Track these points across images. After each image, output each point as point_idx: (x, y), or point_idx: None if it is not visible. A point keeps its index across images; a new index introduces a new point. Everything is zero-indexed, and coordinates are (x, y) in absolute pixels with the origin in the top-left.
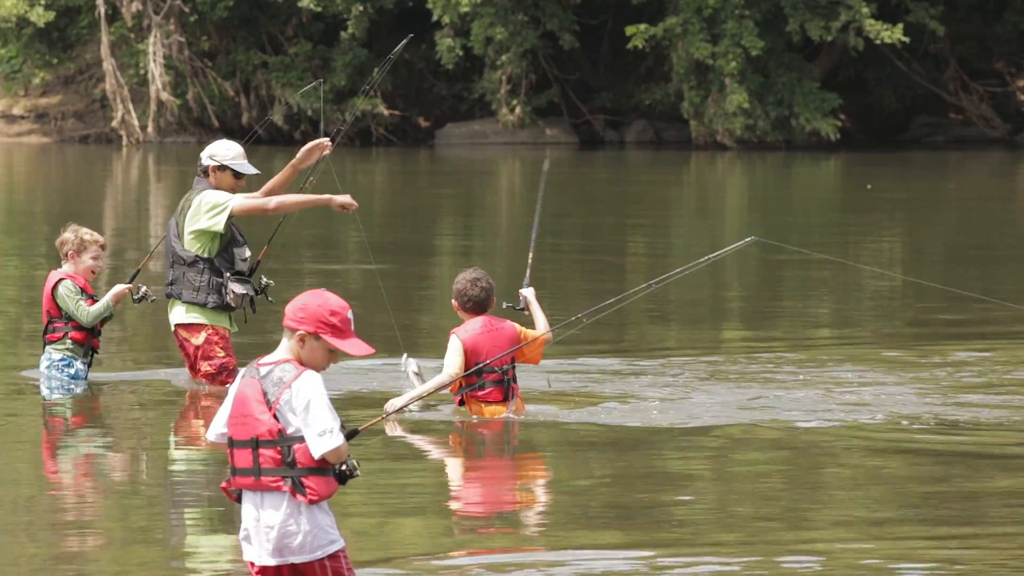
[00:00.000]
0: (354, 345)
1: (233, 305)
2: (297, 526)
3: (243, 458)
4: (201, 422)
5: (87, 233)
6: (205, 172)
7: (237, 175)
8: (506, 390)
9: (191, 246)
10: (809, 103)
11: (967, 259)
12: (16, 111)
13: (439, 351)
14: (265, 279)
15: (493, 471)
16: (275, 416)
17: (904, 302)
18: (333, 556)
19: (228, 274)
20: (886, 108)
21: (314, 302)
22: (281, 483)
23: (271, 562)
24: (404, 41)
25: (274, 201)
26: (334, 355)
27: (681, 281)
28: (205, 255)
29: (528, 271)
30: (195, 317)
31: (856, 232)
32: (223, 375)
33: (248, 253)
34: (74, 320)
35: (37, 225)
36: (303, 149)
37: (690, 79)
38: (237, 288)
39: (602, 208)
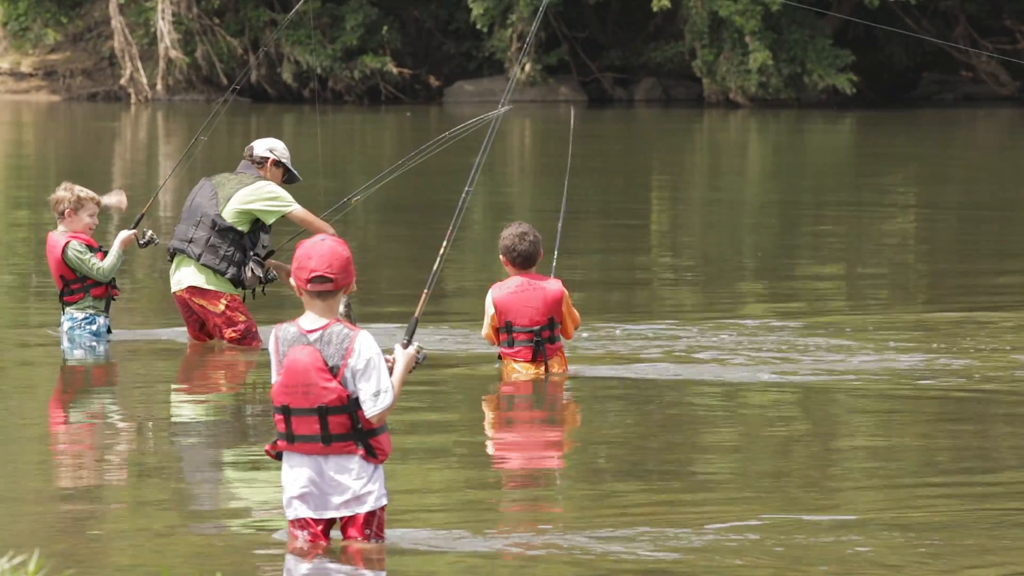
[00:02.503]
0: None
1: (247, 285)
2: (372, 484)
3: (307, 425)
4: (221, 376)
5: (82, 191)
6: (260, 163)
7: (286, 176)
8: (536, 350)
9: (229, 216)
10: (822, 60)
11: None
12: (24, 68)
13: (456, 312)
14: (274, 272)
15: (515, 428)
16: (340, 383)
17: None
18: (383, 507)
19: (252, 252)
20: (896, 65)
21: (342, 251)
22: (354, 446)
23: (342, 513)
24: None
25: (329, 230)
26: None
27: (701, 245)
28: (240, 228)
29: (553, 266)
30: (214, 284)
31: (887, 190)
32: (248, 338)
33: (269, 241)
34: (90, 278)
35: (47, 182)
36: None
37: (703, 37)
38: (256, 270)
39: (629, 167)
